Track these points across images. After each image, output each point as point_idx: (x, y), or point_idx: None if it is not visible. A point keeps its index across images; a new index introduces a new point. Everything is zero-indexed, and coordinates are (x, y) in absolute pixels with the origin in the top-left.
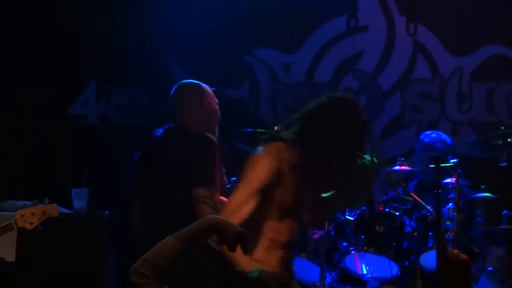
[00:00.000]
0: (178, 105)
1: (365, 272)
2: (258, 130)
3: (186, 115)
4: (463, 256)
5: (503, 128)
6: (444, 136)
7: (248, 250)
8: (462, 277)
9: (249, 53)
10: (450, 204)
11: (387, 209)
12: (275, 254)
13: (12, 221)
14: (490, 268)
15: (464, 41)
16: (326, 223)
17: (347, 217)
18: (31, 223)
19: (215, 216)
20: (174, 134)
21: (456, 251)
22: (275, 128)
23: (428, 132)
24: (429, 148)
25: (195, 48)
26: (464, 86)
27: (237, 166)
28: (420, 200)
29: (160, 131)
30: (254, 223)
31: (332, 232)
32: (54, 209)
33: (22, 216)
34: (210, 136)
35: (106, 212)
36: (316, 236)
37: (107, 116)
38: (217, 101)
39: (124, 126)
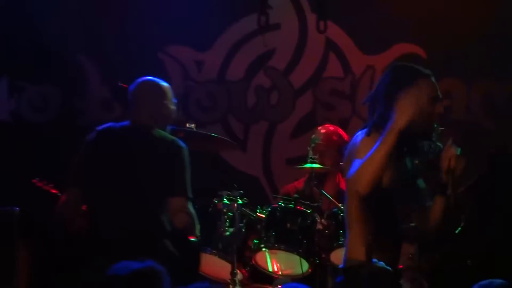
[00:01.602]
0: (139, 101)
1: (276, 269)
2: (171, 127)
3: (147, 113)
4: None
5: None
6: (341, 131)
7: None
8: None
9: (161, 50)
10: None
11: (298, 207)
12: None
13: None
14: (401, 266)
15: (375, 39)
16: (237, 219)
17: (259, 214)
18: None
19: None
20: (146, 135)
21: None
22: (187, 125)
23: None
24: (325, 139)
25: (108, 45)
26: (375, 85)
27: None
28: (331, 198)
29: (120, 126)
30: None
31: (243, 230)
32: None
33: None
34: (182, 142)
35: (16, 208)
36: (227, 233)
37: (19, 112)
38: (176, 100)
39: (36, 123)
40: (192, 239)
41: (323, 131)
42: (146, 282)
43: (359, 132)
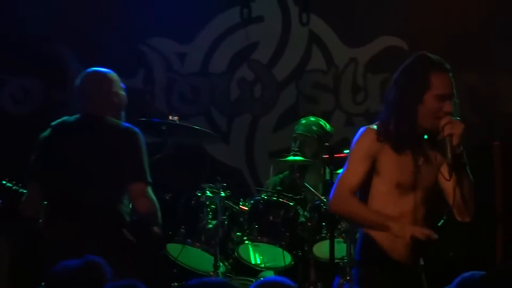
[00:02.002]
0: (89, 93)
1: (258, 261)
2: (154, 119)
3: (98, 103)
4: None
5: None
6: (322, 122)
7: None
8: None
9: (143, 42)
10: None
11: (281, 199)
12: None
13: None
14: None
15: (358, 32)
16: (220, 212)
17: (241, 206)
18: None
19: None
20: (98, 125)
21: None
22: (170, 117)
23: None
24: (305, 129)
25: (89, 37)
26: (358, 77)
27: None
28: (314, 190)
29: (74, 119)
30: None
31: (226, 222)
32: None
33: None
34: (136, 128)
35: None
36: (210, 225)
37: (1, 105)
38: (124, 87)
39: (17, 115)
40: (153, 227)
41: (303, 121)
42: (88, 277)
43: (362, 128)
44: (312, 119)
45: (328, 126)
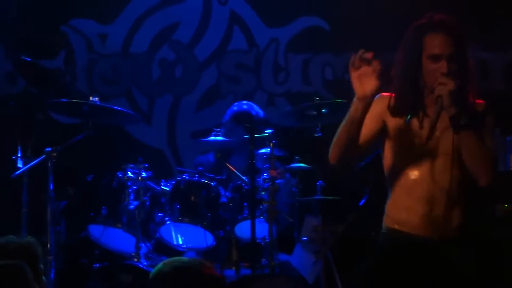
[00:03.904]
0: None
1: (180, 242)
2: (74, 100)
3: None
4: None
5: (317, 99)
6: (256, 107)
7: None
8: None
9: (64, 23)
10: (265, 174)
11: (202, 180)
12: None
13: None
14: (305, 238)
15: (279, 12)
16: (142, 193)
17: (163, 187)
18: None
19: None
20: None
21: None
22: (91, 98)
23: (241, 102)
24: (237, 117)
25: (11, 19)
26: (280, 57)
27: (52, 136)
28: (235, 170)
29: None
30: None
31: (148, 203)
32: None
33: None
34: None
35: None
36: (132, 206)
37: None
38: None
39: None
40: None
41: (235, 108)
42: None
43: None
44: (244, 106)
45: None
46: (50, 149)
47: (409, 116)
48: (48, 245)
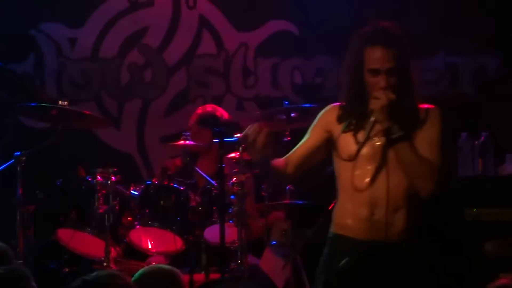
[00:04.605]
0: None
1: (150, 246)
2: (43, 104)
3: None
4: None
5: (286, 103)
6: (220, 110)
7: None
8: None
9: (34, 27)
10: (234, 178)
11: (171, 184)
12: None
13: None
14: (274, 242)
15: (249, 16)
16: (111, 197)
17: (132, 191)
18: None
19: None
20: None
21: None
22: (60, 102)
23: (205, 105)
24: (202, 120)
25: None
26: (249, 61)
27: (22, 141)
28: (205, 175)
29: None
30: None
31: (117, 207)
32: None
33: None
34: None
35: None
36: (101, 210)
37: None
38: None
39: None
40: None
41: (199, 111)
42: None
43: None
44: (209, 109)
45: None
46: (19, 153)
47: (345, 125)
48: (18, 249)
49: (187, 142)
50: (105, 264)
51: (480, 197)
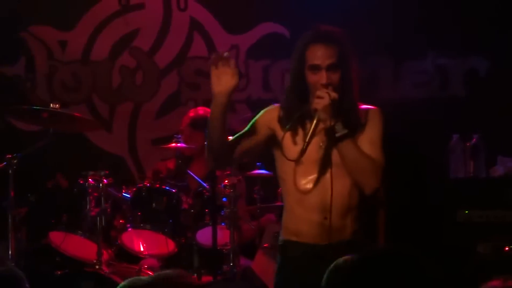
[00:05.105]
0: None
1: (142, 249)
2: (35, 107)
3: None
4: None
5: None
6: None
7: None
8: None
9: (24, 30)
10: (226, 180)
11: (163, 186)
12: None
13: None
14: (266, 245)
15: (240, 19)
16: (103, 200)
17: (124, 194)
18: None
19: None
20: None
21: None
22: (51, 105)
23: (196, 108)
24: (194, 123)
25: None
26: (240, 64)
27: (13, 143)
28: (196, 177)
29: None
30: None
31: (109, 210)
32: None
33: None
34: None
35: None
36: (93, 213)
37: None
38: None
39: None
40: None
41: (191, 114)
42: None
43: None
44: (201, 112)
45: None
46: (10, 156)
47: (287, 127)
48: (9, 252)
49: (179, 144)
50: (97, 267)
51: (472, 199)
